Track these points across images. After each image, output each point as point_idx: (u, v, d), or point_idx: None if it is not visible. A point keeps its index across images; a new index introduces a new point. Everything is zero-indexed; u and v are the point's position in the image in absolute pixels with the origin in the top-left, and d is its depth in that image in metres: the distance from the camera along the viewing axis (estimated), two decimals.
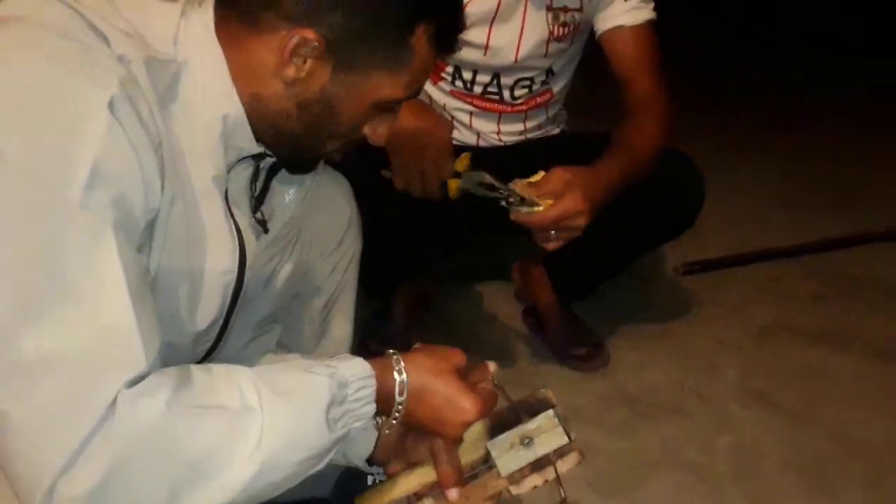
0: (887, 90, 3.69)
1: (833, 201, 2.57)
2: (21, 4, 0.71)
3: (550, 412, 0.90)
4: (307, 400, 0.75)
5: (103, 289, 0.66)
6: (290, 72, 0.79)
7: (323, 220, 1.12)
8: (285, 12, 0.77)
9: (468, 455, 0.92)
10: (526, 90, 1.61)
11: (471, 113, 1.63)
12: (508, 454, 0.89)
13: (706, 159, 1.71)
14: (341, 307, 1.19)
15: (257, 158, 0.88)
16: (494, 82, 1.58)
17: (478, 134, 1.65)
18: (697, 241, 2.01)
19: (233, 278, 0.86)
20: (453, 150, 1.36)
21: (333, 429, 0.76)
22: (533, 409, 0.91)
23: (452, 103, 1.62)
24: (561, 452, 0.90)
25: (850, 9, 4.64)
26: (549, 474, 0.89)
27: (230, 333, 0.93)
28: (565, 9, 1.52)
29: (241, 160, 0.86)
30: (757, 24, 4.62)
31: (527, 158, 1.59)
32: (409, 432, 0.93)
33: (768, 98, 3.60)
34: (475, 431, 0.90)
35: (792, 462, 1.48)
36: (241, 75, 0.80)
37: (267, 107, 0.82)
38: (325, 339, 1.18)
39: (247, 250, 0.87)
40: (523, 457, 0.89)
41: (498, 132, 1.65)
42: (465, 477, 0.91)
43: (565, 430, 0.90)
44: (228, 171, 0.84)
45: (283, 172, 0.94)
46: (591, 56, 1.60)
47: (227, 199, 0.85)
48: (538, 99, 1.64)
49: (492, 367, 0.92)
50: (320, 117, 0.83)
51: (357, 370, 0.80)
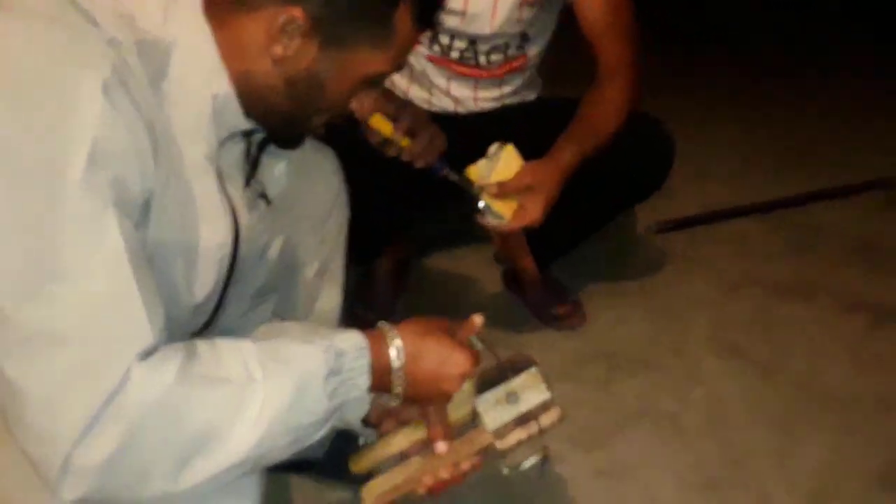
0: (854, 48, 3.73)
1: (797, 157, 2.61)
2: None
3: (534, 369, 0.93)
4: (306, 370, 0.78)
5: (108, 265, 0.69)
6: (279, 50, 0.80)
7: (312, 192, 1.14)
8: None
9: (456, 413, 0.95)
10: (501, 55, 1.62)
11: (448, 78, 1.64)
12: (494, 409, 0.92)
13: (675, 118, 1.75)
14: (331, 276, 1.22)
15: (248, 134, 0.89)
16: (471, 48, 1.60)
17: (455, 100, 1.67)
18: (668, 201, 2.05)
19: (228, 252, 0.88)
20: (432, 118, 1.40)
21: (332, 397, 0.80)
22: (518, 367, 0.94)
23: (431, 68, 1.63)
24: (544, 407, 0.93)
25: None
26: (533, 429, 0.92)
27: (227, 305, 0.95)
28: None
29: (232, 136, 0.87)
30: None
31: (503, 125, 1.62)
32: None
33: (738, 55, 3.62)
34: (463, 390, 0.92)
35: (762, 411, 1.53)
36: (230, 54, 0.81)
37: (256, 84, 0.82)
38: (317, 307, 1.21)
39: (240, 224, 0.89)
40: (508, 412, 0.92)
41: (475, 98, 1.67)
42: (454, 433, 0.94)
43: (547, 386, 0.93)
44: (220, 148, 0.86)
45: (273, 147, 0.96)
46: (569, 24, 1.62)
47: (220, 175, 0.86)
48: (513, 63, 1.65)
49: (478, 321, 0.93)
50: (308, 93, 0.84)
51: (353, 341, 0.83)
